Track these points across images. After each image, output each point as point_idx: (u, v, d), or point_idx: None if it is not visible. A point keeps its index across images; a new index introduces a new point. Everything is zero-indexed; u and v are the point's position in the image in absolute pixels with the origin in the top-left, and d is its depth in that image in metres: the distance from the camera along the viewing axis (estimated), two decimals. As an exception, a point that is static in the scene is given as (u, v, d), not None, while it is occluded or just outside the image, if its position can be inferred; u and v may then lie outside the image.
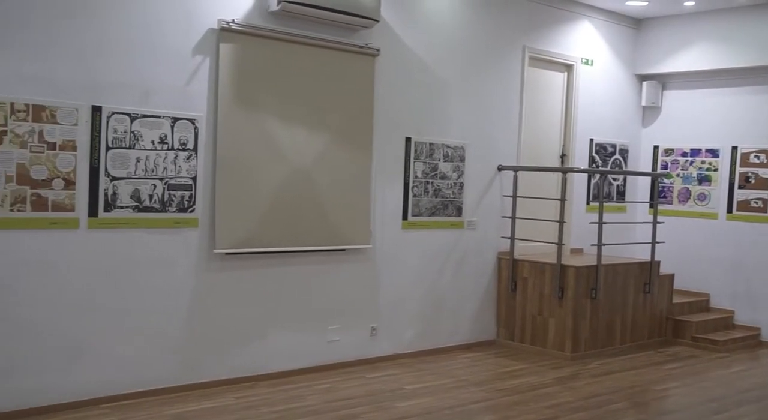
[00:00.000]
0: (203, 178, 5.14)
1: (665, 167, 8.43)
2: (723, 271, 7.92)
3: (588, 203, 7.92)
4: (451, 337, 6.77)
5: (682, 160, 8.31)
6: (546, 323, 6.75)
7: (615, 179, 8.30)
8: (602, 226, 6.79)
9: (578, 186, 7.81)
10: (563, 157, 7.74)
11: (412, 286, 6.44)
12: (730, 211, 7.93)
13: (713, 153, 8.07)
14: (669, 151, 8.42)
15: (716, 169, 8.04)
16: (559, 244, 6.67)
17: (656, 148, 8.49)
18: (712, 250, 7.98)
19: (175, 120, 5.00)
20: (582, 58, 7.74)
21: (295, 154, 5.52)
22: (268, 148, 5.38)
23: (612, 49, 8.08)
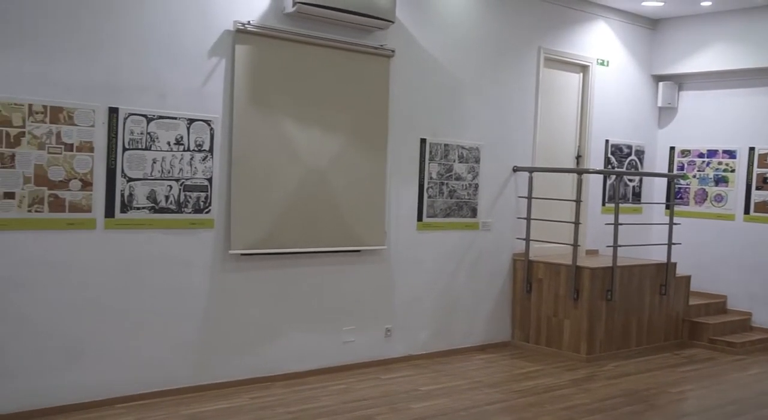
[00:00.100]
0: (219, 179, 5.16)
1: (681, 168, 8.38)
2: (740, 273, 7.87)
3: (603, 204, 7.89)
4: (466, 338, 6.76)
5: (699, 161, 8.26)
6: (561, 325, 6.73)
7: (631, 180, 8.26)
8: (618, 227, 6.76)
9: (594, 187, 7.78)
10: (578, 158, 7.71)
11: (427, 287, 6.44)
12: (747, 212, 7.87)
13: (730, 154, 8.02)
14: (685, 152, 8.37)
15: (733, 170, 7.99)
16: (575, 245, 6.65)
17: (672, 149, 8.44)
18: (729, 252, 7.93)
19: (191, 121, 5.02)
20: (598, 59, 7.71)
21: (311, 155, 5.53)
22: (284, 149, 5.39)
23: (628, 50, 8.05)
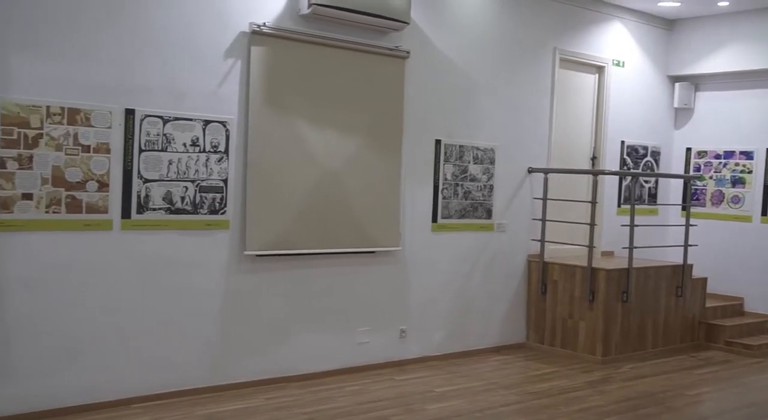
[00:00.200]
0: (234, 181, 5.18)
1: (698, 169, 8.32)
2: (757, 275, 7.81)
3: (619, 206, 7.85)
4: (481, 339, 6.74)
5: (715, 162, 8.20)
6: (576, 326, 6.70)
7: (646, 181, 8.22)
8: (634, 228, 6.73)
9: (609, 188, 7.75)
10: (594, 159, 7.68)
11: (442, 289, 6.43)
12: (764, 213, 7.81)
13: (747, 155, 7.96)
14: (702, 153, 8.32)
15: (750, 172, 7.93)
16: (590, 246, 6.62)
17: (689, 150, 8.39)
18: (747, 253, 7.88)
19: (207, 123, 5.04)
20: (613, 60, 7.68)
21: (326, 157, 5.54)
22: (299, 150, 5.40)
23: (644, 51, 8.01)
